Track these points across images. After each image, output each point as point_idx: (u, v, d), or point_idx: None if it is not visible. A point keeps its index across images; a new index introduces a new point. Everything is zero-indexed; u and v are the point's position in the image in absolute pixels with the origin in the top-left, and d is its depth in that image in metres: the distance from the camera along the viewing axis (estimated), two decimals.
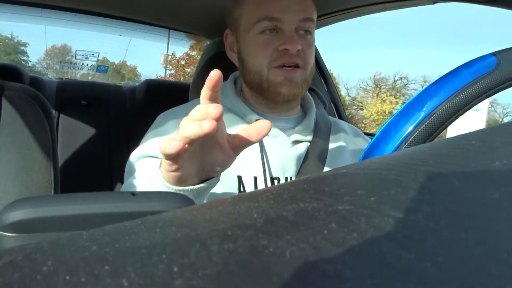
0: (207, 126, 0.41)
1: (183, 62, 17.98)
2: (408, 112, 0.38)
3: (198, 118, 0.43)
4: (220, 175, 0.53)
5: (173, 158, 0.45)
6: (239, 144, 0.48)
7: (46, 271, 0.12)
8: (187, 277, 0.11)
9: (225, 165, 0.50)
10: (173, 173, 0.48)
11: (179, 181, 0.49)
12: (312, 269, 0.11)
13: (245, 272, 0.11)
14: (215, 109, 0.42)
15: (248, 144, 0.48)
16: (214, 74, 0.44)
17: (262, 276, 0.11)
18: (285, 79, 0.70)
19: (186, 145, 0.44)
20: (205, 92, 0.45)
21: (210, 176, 0.51)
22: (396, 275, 0.11)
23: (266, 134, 0.47)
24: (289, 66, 0.70)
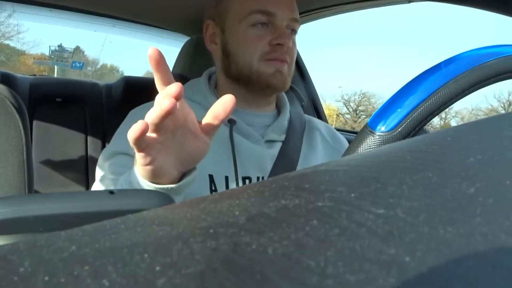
0: (166, 104, 0.40)
1: None
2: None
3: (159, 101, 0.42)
4: (197, 169, 0.52)
5: (143, 148, 0.44)
6: (210, 126, 0.48)
7: (23, 272, 0.11)
8: (170, 276, 0.11)
9: (202, 151, 0.50)
10: (147, 167, 0.47)
11: (156, 176, 0.48)
12: (295, 265, 0.12)
13: (228, 270, 0.11)
14: (174, 87, 0.41)
15: (219, 124, 0.48)
16: (152, 52, 0.42)
17: (245, 273, 0.11)
18: (276, 71, 0.71)
19: (154, 134, 0.43)
20: (155, 75, 0.44)
21: (188, 168, 0.51)
22: (377, 270, 0.11)
23: (233, 108, 0.47)
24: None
